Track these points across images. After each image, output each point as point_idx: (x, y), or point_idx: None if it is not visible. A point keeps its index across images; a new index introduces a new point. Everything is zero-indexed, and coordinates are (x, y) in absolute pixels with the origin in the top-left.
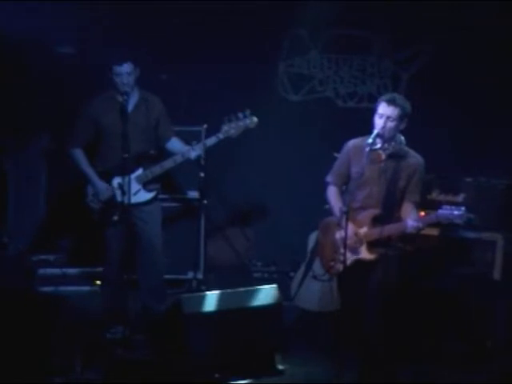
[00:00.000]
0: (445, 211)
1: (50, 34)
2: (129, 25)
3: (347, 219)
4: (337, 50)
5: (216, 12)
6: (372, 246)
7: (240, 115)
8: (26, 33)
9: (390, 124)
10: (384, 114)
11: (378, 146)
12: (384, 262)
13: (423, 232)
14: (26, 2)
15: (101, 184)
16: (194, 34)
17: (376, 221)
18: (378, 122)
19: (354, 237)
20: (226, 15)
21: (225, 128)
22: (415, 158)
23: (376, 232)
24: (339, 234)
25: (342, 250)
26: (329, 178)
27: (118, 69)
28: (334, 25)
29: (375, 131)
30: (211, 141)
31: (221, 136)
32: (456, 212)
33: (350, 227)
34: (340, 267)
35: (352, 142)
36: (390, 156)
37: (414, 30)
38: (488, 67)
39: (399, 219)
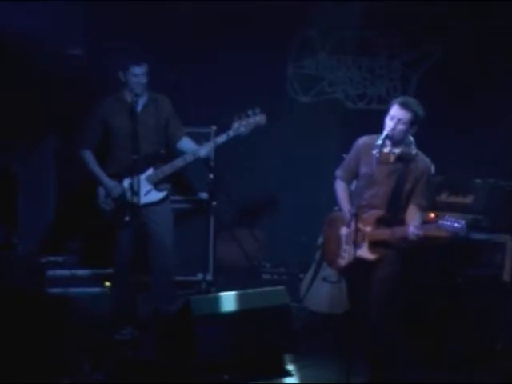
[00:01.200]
0: (446, 222)
1: (59, 35)
2: (137, 26)
3: (356, 222)
4: (346, 52)
5: (225, 13)
6: (374, 246)
7: (250, 113)
8: (35, 34)
9: (401, 127)
10: (395, 116)
11: (388, 148)
12: (388, 262)
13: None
14: (35, 3)
15: (110, 182)
16: (203, 35)
17: (380, 222)
18: (389, 124)
19: (359, 233)
20: (235, 16)
21: (235, 126)
22: (424, 162)
23: (386, 233)
24: (344, 231)
25: (344, 247)
26: (338, 173)
27: (137, 69)
28: (343, 26)
29: (385, 132)
30: (221, 138)
31: (231, 134)
32: (456, 224)
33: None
34: (342, 263)
35: (363, 140)
36: (398, 158)
37: (422, 31)
38: (497, 67)
39: (403, 221)
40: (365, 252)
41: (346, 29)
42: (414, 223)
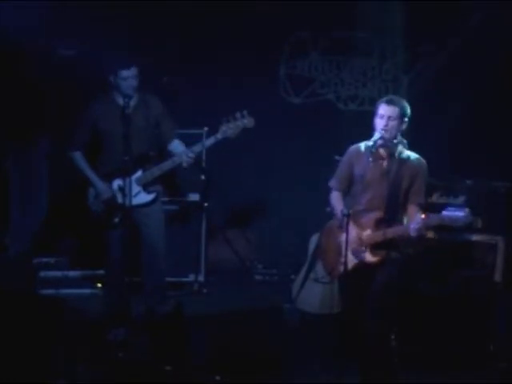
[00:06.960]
0: (449, 212)
1: (51, 36)
2: (129, 27)
3: (348, 222)
4: (338, 53)
5: (217, 14)
6: (375, 248)
7: (238, 115)
8: (26, 35)
9: (392, 123)
10: (385, 114)
11: (380, 144)
12: (387, 264)
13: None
14: (26, 3)
15: (101, 184)
16: (196, 36)
17: (380, 223)
18: (380, 123)
19: (358, 241)
20: (227, 17)
21: (223, 128)
22: (418, 160)
23: (379, 234)
24: (343, 237)
25: (344, 253)
26: (332, 183)
27: (125, 72)
28: (335, 27)
29: (377, 132)
30: (209, 141)
31: (219, 136)
32: (459, 213)
33: (354, 230)
34: (342, 269)
35: (354, 146)
36: (391, 155)
37: (414, 32)
38: (489, 69)
39: (403, 221)
40: (367, 256)
41: (338, 30)
42: (415, 220)
